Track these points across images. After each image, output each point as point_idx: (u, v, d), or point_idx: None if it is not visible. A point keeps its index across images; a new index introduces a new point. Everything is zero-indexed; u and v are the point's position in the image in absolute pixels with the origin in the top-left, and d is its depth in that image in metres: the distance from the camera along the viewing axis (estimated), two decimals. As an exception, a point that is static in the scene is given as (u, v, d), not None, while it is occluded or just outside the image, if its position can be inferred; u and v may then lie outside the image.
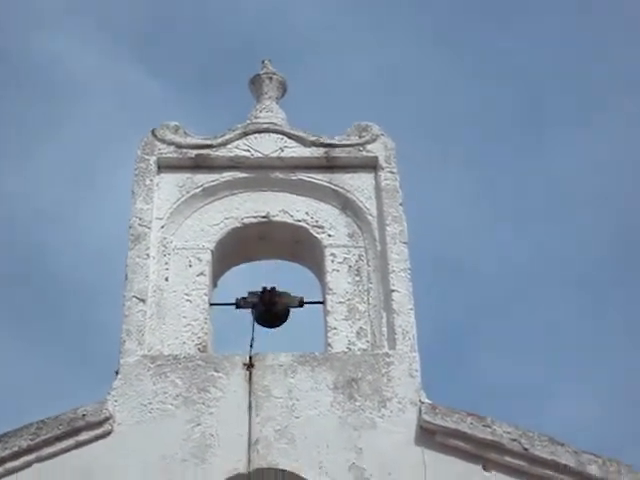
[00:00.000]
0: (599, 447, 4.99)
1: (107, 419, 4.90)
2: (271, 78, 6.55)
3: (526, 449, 4.89)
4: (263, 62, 6.68)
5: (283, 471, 4.82)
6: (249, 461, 4.81)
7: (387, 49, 15.19)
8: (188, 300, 5.47)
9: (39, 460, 4.79)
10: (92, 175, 15.19)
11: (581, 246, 14.05)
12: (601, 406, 12.56)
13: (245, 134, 6.07)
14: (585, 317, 13.62)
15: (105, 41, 15.94)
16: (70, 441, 4.83)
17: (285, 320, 5.71)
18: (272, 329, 5.65)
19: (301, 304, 5.78)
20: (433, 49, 15.58)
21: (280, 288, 5.70)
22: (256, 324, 5.54)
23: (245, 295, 5.71)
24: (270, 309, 5.62)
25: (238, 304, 5.73)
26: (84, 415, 4.88)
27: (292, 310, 5.76)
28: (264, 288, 5.67)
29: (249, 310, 5.70)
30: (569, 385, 13.24)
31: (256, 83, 6.55)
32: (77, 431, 4.85)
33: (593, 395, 12.91)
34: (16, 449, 4.76)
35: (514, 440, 4.91)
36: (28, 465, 4.77)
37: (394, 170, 5.95)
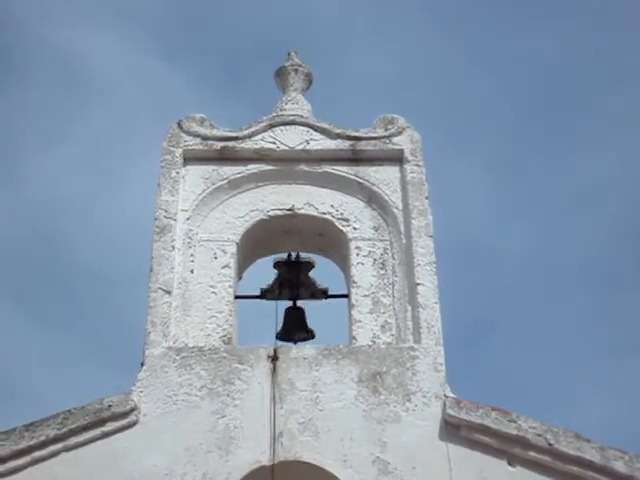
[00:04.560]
0: (627, 444, 4.95)
1: (132, 410, 4.92)
2: (297, 70, 6.55)
3: (551, 444, 4.86)
4: (289, 54, 6.67)
5: (307, 464, 4.82)
6: (273, 453, 4.81)
7: (412, 41, 15.14)
8: (213, 292, 5.48)
9: (66, 449, 4.82)
10: (113, 165, 15.29)
11: (612, 241, 13.96)
12: (629, 402, 12.48)
13: (271, 126, 6.06)
14: (612, 313, 13.53)
15: (127, 32, 15.99)
16: (96, 431, 4.86)
17: (309, 337, 5.74)
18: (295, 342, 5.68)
19: (325, 295, 5.80)
20: (458, 42, 15.52)
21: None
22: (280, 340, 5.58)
23: (270, 281, 5.73)
24: (296, 327, 5.68)
25: (263, 295, 5.76)
26: (110, 406, 4.91)
27: (316, 303, 5.81)
28: (289, 254, 5.69)
29: (274, 301, 5.76)
30: (596, 380, 13.17)
31: (282, 75, 6.54)
32: (103, 421, 4.88)
33: (621, 391, 12.83)
34: (44, 438, 4.80)
35: (539, 435, 4.89)
36: (55, 454, 4.81)
37: (420, 163, 5.92)
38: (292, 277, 5.78)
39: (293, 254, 5.82)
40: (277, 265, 5.83)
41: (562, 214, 14.39)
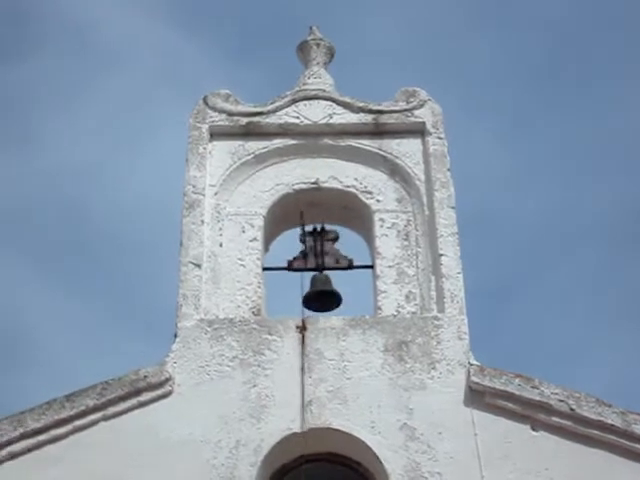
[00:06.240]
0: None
1: (167, 380, 5.09)
2: (319, 44, 6.64)
3: (573, 410, 5.00)
4: (311, 28, 6.76)
5: (336, 430, 4.98)
6: (303, 421, 4.97)
7: (432, 12, 15.12)
8: (242, 265, 5.63)
9: (105, 419, 5.00)
10: (129, 134, 15.41)
11: (628, 201, 13.97)
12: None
13: (294, 101, 6.17)
14: (630, 272, 13.59)
15: (146, 4, 16.03)
16: (133, 401, 5.03)
17: (337, 306, 5.82)
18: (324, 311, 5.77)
19: (350, 267, 5.92)
20: (474, 10, 15.48)
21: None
22: (307, 310, 5.67)
23: (296, 255, 5.87)
24: (322, 297, 5.77)
25: (289, 266, 5.89)
26: (145, 376, 5.08)
27: (342, 274, 5.93)
28: (314, 228, 5.86)
29: (299, 273, 5.87)
30: (617, 343, 13.27)
31: (304, 49, 6.63)
32: (139, 392, 5.05)
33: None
34: (83, 408, 4.98)
35: (561, 401, 5.02)
36: (95, 423, 4.99)
37: (442, 135, 6.03)
38: (317, 247, 5.90)
39: (318, 226, 5.95)
40: (303, 236, 5.95)
41: (577, 175, 14.45)
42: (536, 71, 15.24)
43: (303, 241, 5.89)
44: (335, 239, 5.96)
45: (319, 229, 5.92)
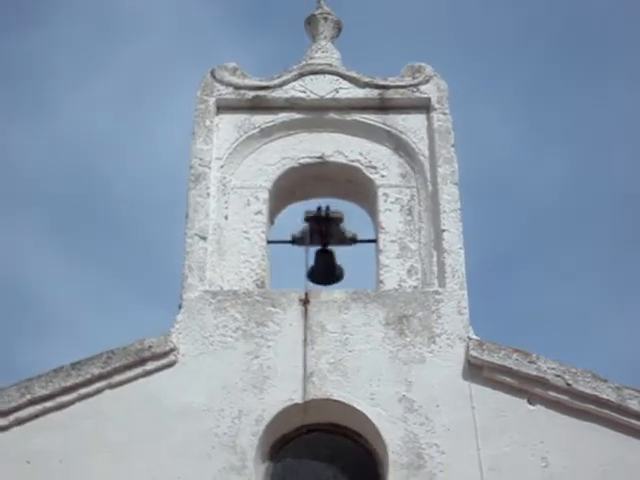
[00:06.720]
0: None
1: (172, 350, 5.18)
2: (326, 18, 6.67)
3: (569, 384, 5.08)
4: (319, 2, 6.79)
5: (337, 402, 5.08)
6: (304, 392, 5.07)
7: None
8: (247, 238, 5.71)
9: (110, 387, 5.11)
10: (146, 102, 15.44)
11: (631, 181, 13.99)
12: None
13: (301, 75, 6.22)
14: (633, 249, 13.63)
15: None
16: (138, 370, 5.13)
17: (339, 279, 5.91)
18: (326, 285, 5.85)
19: (354, 241, 6.00)
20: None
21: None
22: (311, 281, 5.76)
23: (301, 229, 5.94)
24: (326, 269, 5.86)
25: (294, 240, 5.97)
26: (150, 346, 5.18)
27: (345, 248, 6.01)
28: (319, 207, 5.92)
29: (304, 247, 5.96)
30: (616, 319, 13.34)
31: (312, 23, 6.67)
32: (144, 361, 5.14)
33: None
34: (89, 376, 5.09)
35: (558, 376, 5.11)
36: (100, 391, 5.10)
37: (446, 111, 6.07)
38: (322, 228, 5.96)
39: (323, 207, 5.97)
40: (307, 218, 5.99)
41: (581, 151, 14.44)
42: (546, 45, 15.21)
43: (307, 219, 5.95)
44: (340, 222, 5.98)
45: (324, 214, 5.91)
